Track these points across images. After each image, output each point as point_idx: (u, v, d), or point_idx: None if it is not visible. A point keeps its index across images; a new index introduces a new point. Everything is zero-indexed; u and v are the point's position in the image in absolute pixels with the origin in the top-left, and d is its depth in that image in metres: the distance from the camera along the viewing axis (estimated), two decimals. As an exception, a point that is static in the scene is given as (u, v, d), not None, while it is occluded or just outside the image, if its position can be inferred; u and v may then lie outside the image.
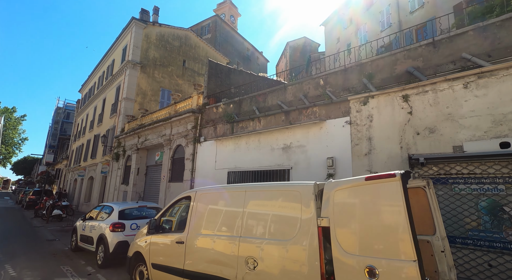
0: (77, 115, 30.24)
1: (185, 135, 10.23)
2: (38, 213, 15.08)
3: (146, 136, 12.86)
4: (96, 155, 18.74)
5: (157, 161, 12.62)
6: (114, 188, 14.59)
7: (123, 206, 6.15)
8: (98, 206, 7.39)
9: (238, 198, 3.12)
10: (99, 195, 16.57)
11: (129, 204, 6.42)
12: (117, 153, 14.95)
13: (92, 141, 20.14)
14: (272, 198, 2.94)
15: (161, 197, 10.79)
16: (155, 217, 4.22)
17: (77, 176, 21.56)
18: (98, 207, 7.28)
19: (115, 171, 14.98)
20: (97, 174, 17.63)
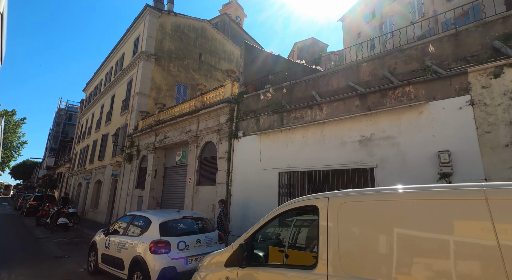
0: (81, 115, 28.96)
1: (217, 130, 8.79)
2: (41, 221, 13.59)
3: (166, 134, 11.42)
4: (104, 156, 17.31)
5: (178, 162, 11.17)
6: (126, 193, 13.12)
7: (164, 216, 4.62)
8: (125, 216, 5.83)
9: (465, 213, 1.58)
10: (109, 200, 15.08)
11: (170, 214, 4.88)
12: (130, 153, 13.52)
13: (100, 141, 18.73)
14: None
15: (187, 203, 9.30)
16: (243, 240, 2.60)
17: (83, 179, 20.13)
18: (125, 217, 5.74)
19: (127, 173, 13.53)
20: (105, 177, 16.17)
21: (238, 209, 7.49)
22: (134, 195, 12.62)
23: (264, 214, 2.93)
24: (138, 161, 13.09)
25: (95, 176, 18.01)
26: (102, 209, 15.41)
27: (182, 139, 10.39)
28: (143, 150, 12.88)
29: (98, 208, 15.99)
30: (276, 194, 6.69)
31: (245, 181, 7.59)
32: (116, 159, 14.98)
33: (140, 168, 13.02)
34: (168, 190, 11.59)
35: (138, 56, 15.37)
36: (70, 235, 10.73)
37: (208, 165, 9.12)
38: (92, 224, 14.09)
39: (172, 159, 11.71)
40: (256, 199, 7.12)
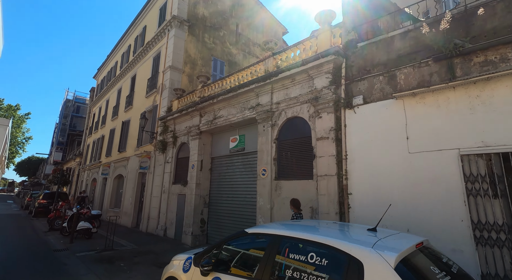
0: (91, 104, 26.72)
1: (309, 99, 6.20)
2: (54, 224, 11.29)
3: (216, 112, 8.89)
4: (126, 147, 14.92)
5: (233, 150, 8.64)
6: (160, 189, 10.66)
7: (387, 247, 1.97)
8: (246, 237, 3.03)
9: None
10: (135, 199, 12.67)
11: (392, 241, 2.25)
12: (164, 141, 11.05)
13: (119, 130, 16.35)
14: None
15: (261, 205, 6.74)
16: None
17: (99, 174, 17.83)
18: (246, 237, 3.02)
19: (160, 166, 11.08)
20: (129, 171, 13.78)
21: (369, 217, 4.91)
22: (171, 192, 10.16)
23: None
24: (175, 150, 10.61)
25: (114, 170, 15.65)
26: (127, 209, 13.04)
27: (244, 117, 7.84)
28: (181, 136, 10.39)
29: (121, 208, 13.62)
30: (458, 192, 4.09)
31: (376, 172, 4.98)
32: (144, 148, 12.54)
33: (177, 159, 10.55)
34: (218, 186, 9.08)
35: (167, 24, 12.83)
36: (96, 245, 8.33)
37: (293, 150, 6.55)
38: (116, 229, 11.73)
39: (222, 147, 9.19)
40: (407, 201, 4.52)
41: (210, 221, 9.06)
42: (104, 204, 15.99)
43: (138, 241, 9.05)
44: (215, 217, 8.94)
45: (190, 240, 8.51)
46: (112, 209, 14.99)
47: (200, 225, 8.93)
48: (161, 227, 10.10)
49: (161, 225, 10.14)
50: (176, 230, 9.48)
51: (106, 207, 15.50)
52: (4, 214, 17.53)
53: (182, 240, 8.83)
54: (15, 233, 10.51)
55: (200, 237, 8.75)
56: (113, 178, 15.64)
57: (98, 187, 18.02)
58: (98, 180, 18.38)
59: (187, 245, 8.48)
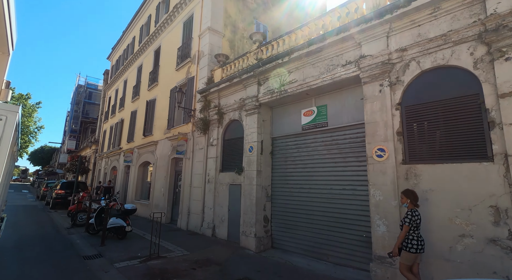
0: (106, 87, 25.00)
1: (475, 34, 3.96)
2: (77, 219, 9.63)
3: (284, 77, 6.77)
4: (152, 130, 13.06)
5: (307, 126, 6.56)
6: (203, 179, 8.75)
7: None
8: None
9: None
10: (169, 190, 10.83)
11: None
12: (205, 119, 9.04)
13: (143, 111, 14.46)
14: None
15: (380, 201, 4.68)
16: None
17: (120, 162, 16.14)
18: None
19: (200, 150, 9.15)
20: (158, 158, 11.94)
21: None
22: (219, 182, 8.22)
23: None
24: (221, 130, 8.61)
25: (139, 157, 13.88)
26: (158, 202, 11.27)
27: (334, 78, 5.66)
28: (230, 111, 8.35)
29: (151, 200, 11.85)
30: None
31: None
32: (178, 130, 10.60)
33: (225, 140, 8.56)
34: (284, 174, 7.05)
35: (202, -23, 10.59)
36: (134, 248, 6.53)
37: (434, 118, 4.38)
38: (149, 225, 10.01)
39: (288, 123, 7.10)
40: None
41: (274, 219, 7.11)
42: (128, 195, 14.35)
43: (184, 243, 7.20)
44: (280, 214, 6.97)
45: (254, 243, 6.59)
46: (138, 200, 13.31)
47: (264, 224, 6.99)
48: (207, 224, 8.24)
49: (207, 222, 8.28)
50: (230, 229, 7.59)
51: (130, 198, 13.85)
52: (20, 206, 16.22)
53: (242, 243, 6.93)
54: (33, 231, 8.88)
55: (264, 240, 6.83)
56: (137, 165, 13.90)
57: (119, 176, 16.40)
58: (119, 169, 16.75)
59: (250, 250, 6.57)
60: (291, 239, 6.58)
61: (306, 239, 6.24)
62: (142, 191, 13.74)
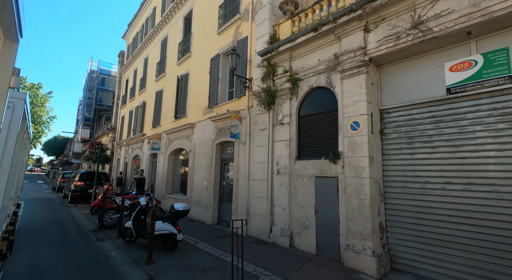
0: (122, 69, 23.11)
1: None
2: (105, 220, 7.80)
3: (421, 12, 4.46)
4: (186, 110, 11.02)
5: (458, 87, 4.28)
6: (266, 169, 6.61)
7: None
8: None
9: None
10: (214, 183, 8.81)
11: None
12: (268, 90, 6.87)
13: (173, 89, 12.38)
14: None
15: None
16: None
17: (146, 150, 14.29)
18: None
19: (262, 131, 7.03)
20: (197, 144, 9.90)
21: None
22: (297, 173, 6.10)
23: None
24: (295, 103, 6.44)
25: (169, 143, 11.93)
26: (200, 197, 9.32)
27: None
28: (309, 76, 6.14)
29: (190, 195, 9.88)
30: None
31: None
32: (226, 107, 8.49)
33: (301, 117, 6.41)
34: (406, 163, 4.87)
35: None
36: (197, 269, 4.56)
37: None
38: (192, 226, 8.10)
39: (413, 88, 4.86)
40: None
41: (390, 227, 4.98)
42: (157, 188, 12.54)
43: (262, 260, 5.17)
44: (403, 221, 4.81)
45: (374, 265, 4.50)
46: (170, 194, 11.46)
47: (380, 235, 4.88)
48: (280, 231, 6.21)
49: (280, 227, 6.24)
50: (320, 239, 5.52)
51: (160, 192, 12.01)
52: (36, 199, 14.74)
53: (348, 263, 4.85)
54: (54, 236, 7.09)
55: (384, 259, 4.72)
56: (167, 154, 11.98)
57: (143, 166, 14.61)
58: (142, 158, 14.96)
59: (368, 276, 4.50)
60: (426, 259, 4.46)
61: (460, 262, 4.11)
62: (173, 184, 11.88)
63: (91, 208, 10.05)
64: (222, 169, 8.83)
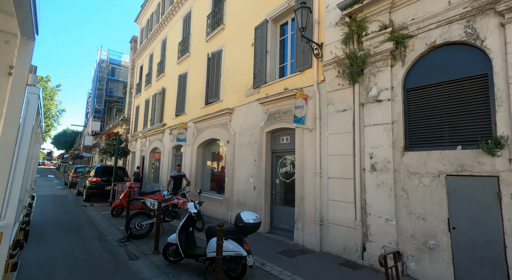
0: (135, 56, 21.51)
1: None
2: (134, 227, 6.25)
3: None
4: (219, 93, 9.31)
5: None
6: (351, 164, 4.80)
7: None
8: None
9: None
10: (265, 181, 7.08)
11: None
12: (354, 56, 5.05)
13: (202, 69, 10.66)
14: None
15: None
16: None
17: (168, 142, 12.68)
18: None
19: (340, 114, 5.17)
20: (237, 133, 8.16)
21: None
22: (409, 170, 4.23)
23: None
24: (401, 72, 4.63)
25: (197, 133, 10.29)
26: (243, 198, 7.66)
27: None
28: (425, 31, 4.30)
29: (229, 195, 8.21)
30: None
31: None
32: (284, 84, 6.71)
33: (408, 91, 4.63)
34: None
35: None
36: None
37: None
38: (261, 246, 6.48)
39: None
40: None
41: None
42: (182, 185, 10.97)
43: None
44: None
45: None
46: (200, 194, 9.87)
47: None
48: (378, 248, 4.51)
49: (381, 245, 4.51)
50: (461, 269, 3.74)
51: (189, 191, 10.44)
52: (47, 196, 13.43)
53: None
54: (71, 250, 5.57)
55: None
56: (195, 146, 10.36)
57: (164, 160, 13.09)
58: (163, 150, 13.41)
59: None
60: None
61: None
62: (204, 180, 10.28)
63: (112, 209, 8.55)
64: (274, 163, 7.13)
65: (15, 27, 1.62)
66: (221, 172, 9.18)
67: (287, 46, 7.26)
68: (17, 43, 1.69)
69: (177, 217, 6.78)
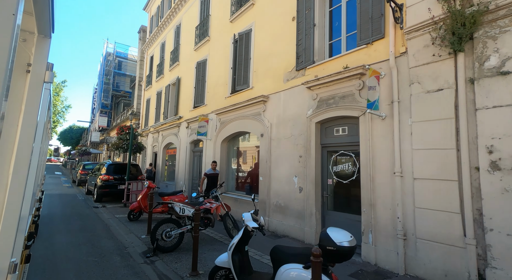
0: (145, 46, 20.30)
1: None
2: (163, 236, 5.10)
3: None
4: (249, 79, 8.04)
5: None
6: (453, 160, 3.47)
7: None
8: None
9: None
10: (315, 183, 5.73)
11: None
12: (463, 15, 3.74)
13: (227, 55, 9.42)
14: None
15: None
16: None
17: (186, 136, 11.46)
18: None
19: (433, 96, 3.87)
20: (274, 124, 6.82)
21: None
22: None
23: None
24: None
25: (221, 126, 9.07)
26: (285, 202, 6.34)
27: None
28: None
29: (265, 198, 6.98)
30: None
31: None
32: (341, 62, 5.34)
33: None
34: None
35: None
36: None
37: None
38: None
39: None
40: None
41: None
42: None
43: None
44: None
45: None
46: (226, 193, 8.70)
47: None
48: (509, 278, 3.30)
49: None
50: None
51: (210, 190, 9.29)
52: (55, 196, 12.42)
53: None
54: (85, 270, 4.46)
55: None
56: (219, 140, 9.17)
57: (180, 156, 11.94)
58: (179, 146, 12.26)
59: None
60: None
61: None
62: (228, 179, 9.10)
63: (129, 213, 7.42)
64: (325, 160, 5.90)
65: (33, 25, 1.64)
66: (254, 170, 7.98)
67: (341, 17, 5.97)
68: (34, 41, 1.71)
69: (210, 224, 5.61)
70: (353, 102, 5.13)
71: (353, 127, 5.31)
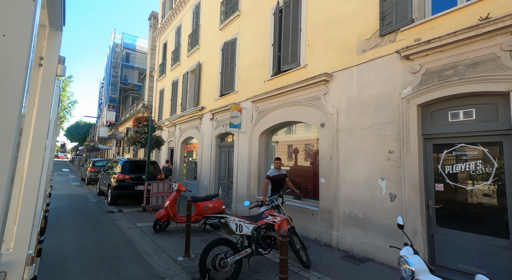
0: (156, 33, 18.72)
1: None
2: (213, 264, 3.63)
3: None
4: (298, 56, 6.36)
5: None
6: None
7: None
8: None
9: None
10: (413, 189, 4.00)
11: None
12: None
13: (265, 29, 7.71)
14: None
15: None
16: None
17: (211, 130, 9.89)
18: None
19: None
20: (340, 111, 5.13)
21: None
22: None
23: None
24: None
25: (259, 116, 7.46)
26: (365, 213, 4.71)
27: None
28: None
29: (331, 207, 5.25)
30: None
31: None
32: (482, 6, 3.79)
33: None
34: None
35: None
36: None
37: None
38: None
39: None
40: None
41: None
42: (232, 188, 8.29)
43: None
44: None
45: None
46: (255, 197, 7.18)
47: None
48: None
49: None
50: None
51: (240, 196, 7.78)
52: (63, 196, 11.05)
53: None
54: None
55: None
56: (257, 133, 7.60)
57: (204, 152, 10.43)
58: (202, 141, 10.74)
59: None
60: None
61: None
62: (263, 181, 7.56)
63: (155, 222, 5.93)
64: (430, 157, 4.31)
65: (45, 19, 1.61)
66: (311, 168, 6.41)
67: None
68: (46, 34, 1.69)
69: (275, 246, 4.09)
70: (496, 70, 3.50)
71: (489, 109, 3.69)
